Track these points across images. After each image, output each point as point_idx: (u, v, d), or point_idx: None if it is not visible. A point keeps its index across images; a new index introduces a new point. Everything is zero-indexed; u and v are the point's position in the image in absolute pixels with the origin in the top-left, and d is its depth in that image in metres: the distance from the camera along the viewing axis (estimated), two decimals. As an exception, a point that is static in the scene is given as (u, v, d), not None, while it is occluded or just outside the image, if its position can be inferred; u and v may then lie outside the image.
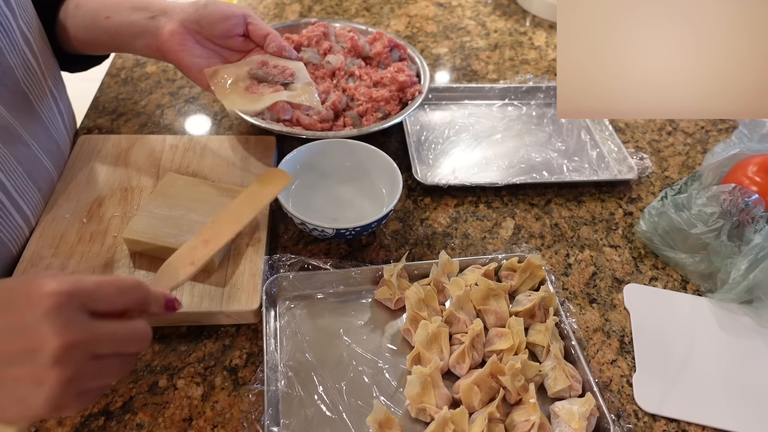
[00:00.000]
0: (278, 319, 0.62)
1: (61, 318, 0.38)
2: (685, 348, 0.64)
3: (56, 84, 0.72)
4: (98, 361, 0.40)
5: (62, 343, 0.37)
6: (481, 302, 0.63)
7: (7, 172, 0.60)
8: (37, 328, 0.37)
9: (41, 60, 0.67)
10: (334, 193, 0.74)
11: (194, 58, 0.65)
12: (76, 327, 0.38)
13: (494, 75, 1.02)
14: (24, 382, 0.38)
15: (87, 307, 0.39)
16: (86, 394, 0.40)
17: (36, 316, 0.37)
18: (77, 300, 0.39)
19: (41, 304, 0.37)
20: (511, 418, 0.54)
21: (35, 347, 0.37)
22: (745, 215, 0.66)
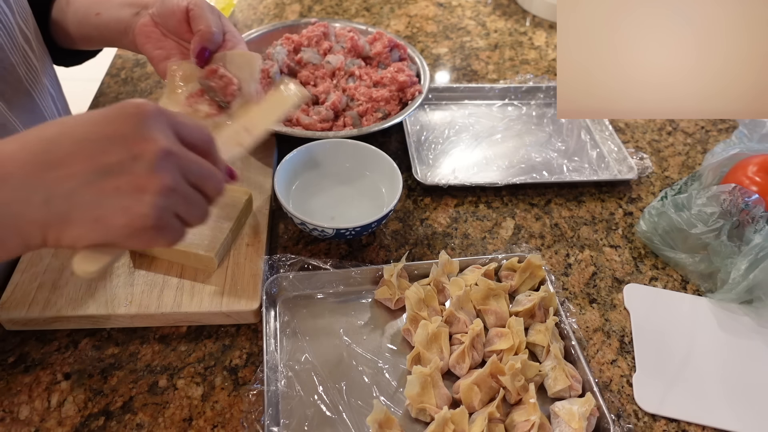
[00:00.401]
0: (278, 319, 0.62)
1: (157, 128, 0.39)
2: (685, 348, 0.64)
3: (52, 82, 0.72)
4: (189, 187, 0.41)
5: (161, 149, 0.38)
6: (481, 302, 0.63)
7: None
8: (135, 136, 0.38)
9: (40, 58, 0.67)
10: (334, 193, 0.74)
11: (156, 50, 0.65)
12: (170, 139, 0.40)
13: (494, 75, 1.02)
14: (126, 191, 0.38)
15: (174, 129, 0.41)
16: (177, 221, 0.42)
17: (133, 127, 0.39)
18: (166, 118, 0.40)
19: (137, 116, 0.39)
20: (511, 418, 0.54)
21: (135, 154, 0.38)
22: (745, 215, 0.66)
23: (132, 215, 0.39)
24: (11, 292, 0.60)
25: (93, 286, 0.61)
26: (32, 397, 0.55)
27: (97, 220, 0.39)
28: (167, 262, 0.64)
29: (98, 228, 0.39)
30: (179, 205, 0.41)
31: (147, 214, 0.39)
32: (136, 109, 0.39)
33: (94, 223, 0.39)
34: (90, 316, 0.59)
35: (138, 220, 0.39)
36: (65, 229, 0.39)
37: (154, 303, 0.60)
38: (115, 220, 0.39)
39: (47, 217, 0.38)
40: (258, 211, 0.71)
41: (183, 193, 0.41)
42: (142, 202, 0.39)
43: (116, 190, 0.38)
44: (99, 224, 0.39)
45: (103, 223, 0.39)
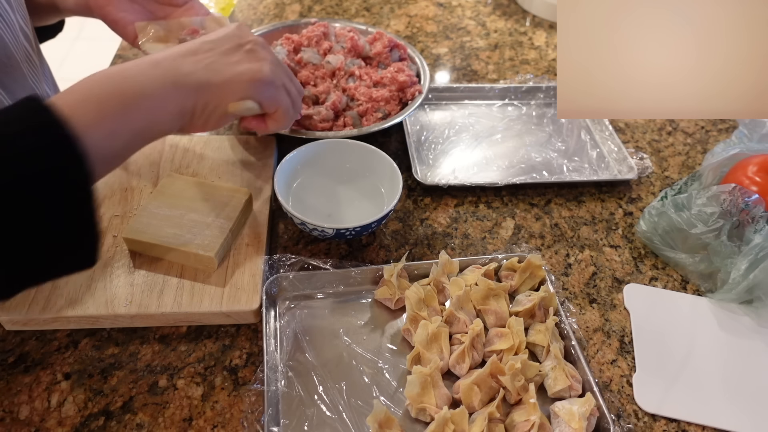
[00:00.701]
0: (278, 319, 0.62)
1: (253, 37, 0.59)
2: (685, 348, 0.64)
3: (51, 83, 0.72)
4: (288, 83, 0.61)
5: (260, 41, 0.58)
6: (481, 302, 0.63)
7: None
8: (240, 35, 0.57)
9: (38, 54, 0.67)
10: (334, 193, 0.74)
11: (120, 12, 0.66)
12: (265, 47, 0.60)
13: (494, 75, 1.02)
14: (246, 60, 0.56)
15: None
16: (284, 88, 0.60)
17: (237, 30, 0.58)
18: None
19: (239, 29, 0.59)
20: (511, 418, 0.54)
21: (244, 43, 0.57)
22: (745, 215, 0.66)
23: (254, 71, 0.56)
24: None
25: (93, 286, 0.61)
26: (32, 397, 0.55)
27: (230, 80, 0.54)
28: (167, 262, 0.64)
29: (233, 85, 0.55)
30: (283, 75, 0.60)
31: (263, 69, 0.56)
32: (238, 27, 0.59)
33: (229, 82, 0.54)
34: (90, 316, 0.59)
35: (258, 74, 0.56)
36: (209, 89, 0.53)
37: (154, 303, 0.60)
38: (244, 77, 0.55)
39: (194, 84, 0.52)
40: (258, 211, 0.71)
41: (284, 68, 0.60)
42: (258, 64, 0.56)
43: (239, 61, 0.55)
44: (233, 82, 0.54)
45: (236, 81, 0.55)
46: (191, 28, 0.68)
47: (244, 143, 0.81)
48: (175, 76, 0.51)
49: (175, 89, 0.51)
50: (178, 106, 0.52)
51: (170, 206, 0.66)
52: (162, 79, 0.50)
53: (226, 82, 0.54)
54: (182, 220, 0.65)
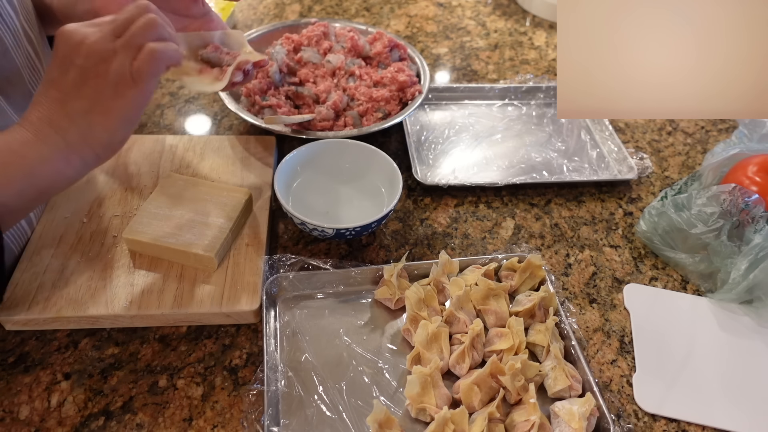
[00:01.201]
0: (278, 319, 0.62)
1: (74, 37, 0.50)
2: (685, 348, 0.64)
3: None
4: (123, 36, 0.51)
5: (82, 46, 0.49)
6: (481, 302, 0.63)
7: None
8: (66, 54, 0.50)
9: (42, 58, 0.67)
10: (334, 193, 0.74)
11: None
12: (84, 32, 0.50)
13: (494, 75, 1.02)
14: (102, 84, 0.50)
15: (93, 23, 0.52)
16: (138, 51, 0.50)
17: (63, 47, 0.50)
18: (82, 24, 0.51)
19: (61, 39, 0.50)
20: (511, 418, 0.54)
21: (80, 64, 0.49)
22: (745, 215, 0.66)
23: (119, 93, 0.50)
24: (11, 292, 0.60)
25: (93, 286, 0.61)
26: (32, 397, 0.55)
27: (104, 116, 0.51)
28: (167, 262, 0.64)
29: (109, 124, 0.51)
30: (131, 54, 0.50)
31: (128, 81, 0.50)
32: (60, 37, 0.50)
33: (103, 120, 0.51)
34: (90, 316, 0.59)
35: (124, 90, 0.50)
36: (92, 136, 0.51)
37: (154, 303, 0.60)
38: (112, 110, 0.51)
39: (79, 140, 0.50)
40: (258, 211, 0.71)
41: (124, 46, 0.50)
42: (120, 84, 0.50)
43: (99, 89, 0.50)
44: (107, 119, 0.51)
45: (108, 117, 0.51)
46: (213, 45, 0.66)
47: (244, 143, 0.81)
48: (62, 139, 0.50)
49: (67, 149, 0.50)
50: (78, 159, 0.51)
51: (170, 206, 0.66)
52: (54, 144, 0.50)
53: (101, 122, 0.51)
54: (182, 220, 0.65)
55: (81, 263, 0.63)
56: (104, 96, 0.50)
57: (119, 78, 0.49)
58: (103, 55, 0.49)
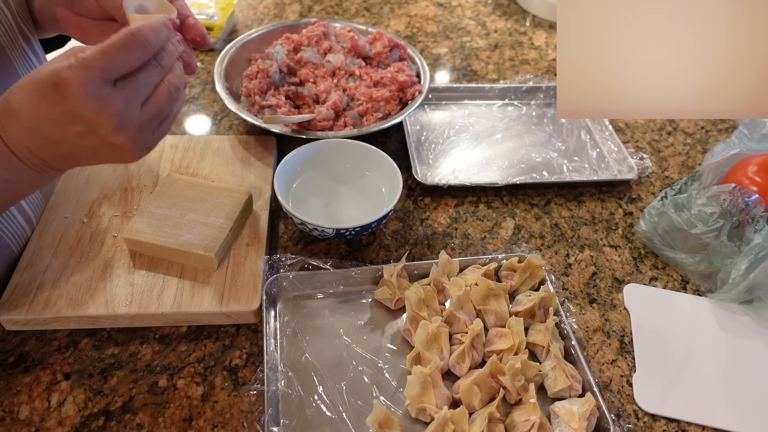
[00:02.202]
0: (278, 319, 0.62)
1: (94, 99, 0.42)
2: (685, 348, 0.64)
3: None
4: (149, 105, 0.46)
5: (108, 117, 0.43)
6: (481, 302, 0.63)
7: None
8: (82, 114, 0.43)
9: (41, 58, 0.67)
10: (334, 193, 0.74)
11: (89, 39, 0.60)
12: (110, 98, 0.43)
13: (494, 75, 1.02)
14: (105, 149, 0.45)
15: (109, 78, 0.43)
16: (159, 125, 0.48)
17: (75, 106, 0.42)
18: (96, 77, 0.42)
19: (73, 94, 0.42)
20: (511, 418, 0.54)
21: (93, 127, 0.43)
22: (745, 215, 0.66)
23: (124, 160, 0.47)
24: (11, 292, 0.60)
25: (93, 286, 0.61)
26: (32, 397, 0.55)
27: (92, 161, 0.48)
28: (167, 262, 0.64)
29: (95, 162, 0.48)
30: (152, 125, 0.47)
31: (134, 158, 0.47)
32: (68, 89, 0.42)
33: (89, 162, 0.48)
34: (90, 316, 0.59)
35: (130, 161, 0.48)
36: (78, 164, 0.48)
37: (154, 303, 0.60)
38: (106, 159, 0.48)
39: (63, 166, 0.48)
40: (258, 211, 0.71)
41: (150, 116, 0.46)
42: (123, 154, 0.46)
43: (97, 149, 0.45)
44: (95, 162, 0.48)
45: (98, 161, 0.48)
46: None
47: (244, 143, 0.81)
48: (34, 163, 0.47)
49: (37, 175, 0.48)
50: (44, 178, 0.49)
51: (170, 206, 0.66)
52: (24, 171, 0.47)
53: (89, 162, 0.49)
54: (182, 220, 0.65)
55: (81, 263, 0.63)
56: (101, 156, 0.47)
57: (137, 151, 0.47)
58: (127, 131, 0.45)
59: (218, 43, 1.02)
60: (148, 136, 0.47)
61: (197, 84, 0.95)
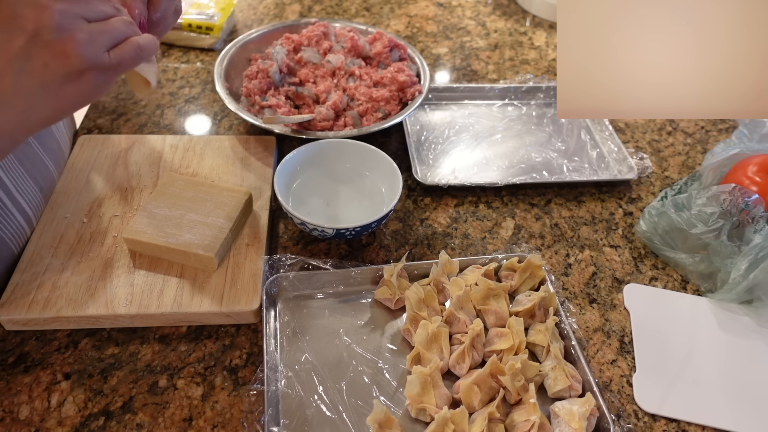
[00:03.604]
0: (278, 319, 0.62)
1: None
2: (685, 348, 0.64)
3: None
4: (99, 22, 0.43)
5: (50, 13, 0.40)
6: (481, 302, 0.63)
7: (8, 171, 0.60)
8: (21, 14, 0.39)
9: None
10: (334, 193, 0.74)
11: None
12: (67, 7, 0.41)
13: (494, 75, 1.02)
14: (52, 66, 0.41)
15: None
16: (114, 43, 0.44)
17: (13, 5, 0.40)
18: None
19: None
20: (511, 418, 0.54)
21: (35, 30, 0.40)
22: (745, 215, 0.66)
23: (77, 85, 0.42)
24: (11, 292, 0.60)
25: (93, 286, 0.61)
26: (32, 397, 0.55)
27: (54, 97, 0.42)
28: (167, 262, 0.64)
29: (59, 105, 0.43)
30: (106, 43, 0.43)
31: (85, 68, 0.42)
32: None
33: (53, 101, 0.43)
34: (90, 316, 0.59)
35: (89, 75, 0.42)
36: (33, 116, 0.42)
37: (154, 303, 0.60)
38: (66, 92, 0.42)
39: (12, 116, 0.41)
40: (258, 211, 0.71)
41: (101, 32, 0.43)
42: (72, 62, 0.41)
43: (44, 67, 0.41)
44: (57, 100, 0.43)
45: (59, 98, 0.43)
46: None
47: (244, 143, 0.81)
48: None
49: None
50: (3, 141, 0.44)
51: (170, 206, 0.66)
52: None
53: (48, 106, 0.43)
54: (182, 220, 0.65)
55: (81, 263, 0.63)
56: (58, 77, 0.42)
57: (88, 62, 0.42)
58: (73, 33, 0.41)
59: (218, 43, 1.02)
60: (99, 49, 0.42)
61: (197, 84, 0.95)
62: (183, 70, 0.98)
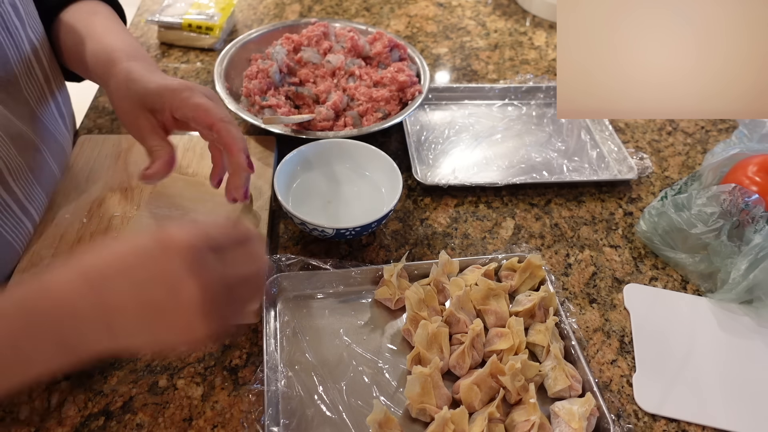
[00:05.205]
0: (278, 319, 0.62)
1: (196, 262, 0.41)
2: (685, 348, 0.64)
3: (60, 87, 0.72)
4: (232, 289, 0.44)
5: (200, 287, 0.41)
6: (481, 302, 0.63)
7: (19, 180, 0.60)
8: (176, 276, 0.41)
9: (47, 66, 0.67)
10: (334, 193, 0.74)
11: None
12: (207, 270, 0.42)
13: (494, 75, 1.02)
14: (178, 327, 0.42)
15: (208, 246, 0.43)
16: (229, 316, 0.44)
17: (172, 266, 0.41)
18: (203, 245, 0.42)
19: (175, 255, 0.41)
20: (511, 418, 0.54)
21: (179, 295, 0.41)
22: (745, 215, 0.66)
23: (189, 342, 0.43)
24: (11, 292, 0.60)
25: (93, 286, 0.61)
26: (32, 397, 0.55)
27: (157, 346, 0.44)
28: (167, 262, 0.64)
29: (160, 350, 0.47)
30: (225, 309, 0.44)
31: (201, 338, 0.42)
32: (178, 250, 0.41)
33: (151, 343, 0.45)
34: (90, 316, 0.59)
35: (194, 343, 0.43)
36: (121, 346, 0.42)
37: (154, 303, 0.60)
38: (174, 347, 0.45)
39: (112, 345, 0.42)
40: (258, 211, 0.71)
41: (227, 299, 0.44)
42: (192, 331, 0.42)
43: (169, 328, 0.42)
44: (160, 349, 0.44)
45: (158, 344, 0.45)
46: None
47: (244, 143, 0.81)
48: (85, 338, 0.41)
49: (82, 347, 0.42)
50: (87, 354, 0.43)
51: (170, 206, 0.66)
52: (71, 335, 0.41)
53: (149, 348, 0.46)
54: (182, 221, 0.65)
55: (81, 263, 0.63)
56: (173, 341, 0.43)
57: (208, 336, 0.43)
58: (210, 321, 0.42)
59: (218, 43, 1.02)
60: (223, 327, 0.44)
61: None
62: (183, 70, 0.98)
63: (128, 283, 0.41)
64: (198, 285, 0.41)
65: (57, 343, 0.40)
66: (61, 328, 0.40)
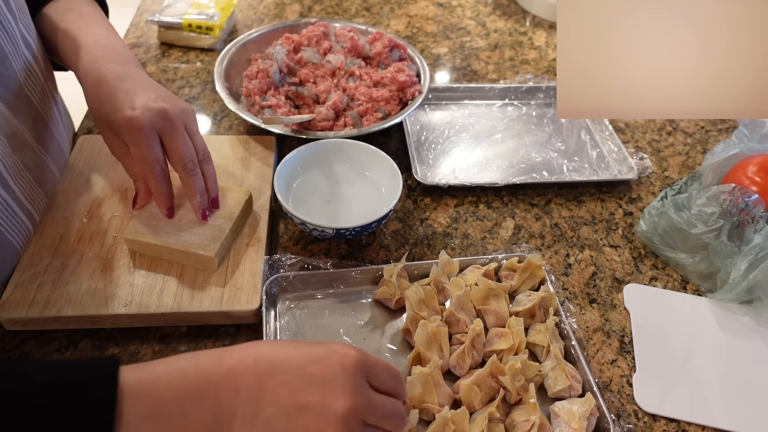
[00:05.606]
0: (278, 319, 0.62)
1: (355, 380, 0.43)
2: (685, 348, 0.64)
3: (53, 86, 0.72)
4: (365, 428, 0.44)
5: (351, 404, 0.42)
6: (481, 302, 0.63)
7: (18, 179, 0.60)
8: (334, 384, 0.42)
9: (41, 62, 0.67)
10: (334, 193, 0.74)
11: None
12: (361, 392, 0.43)
13: (494, 75, 1.02)
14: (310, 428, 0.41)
15: (367, 377, 0.45)
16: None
17: (334, 374, 0.43)
18: (365, 369, 0.45)
19: (341, 365, 0.43)
20: (511, 418, 0.54)
21: (329, 401, 0.42)
22: (745, 215, 0.66)
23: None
24: (11, 292, 0.60)
25: (93, 286, 0.61)
26: None
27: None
28: (167, 262, 0.64)
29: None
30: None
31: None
32: (341, 358, 0.44)
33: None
34: (90, 316, 0.59)
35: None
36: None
37: (154, 303, 0.60)
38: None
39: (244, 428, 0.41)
40: (258, 211, 0.71)
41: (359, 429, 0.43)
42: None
43: (305, 427, 0.41)
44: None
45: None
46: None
47: (244, 143, 0.81)
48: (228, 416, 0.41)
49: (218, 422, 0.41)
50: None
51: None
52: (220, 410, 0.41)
53: None
54: (182, 220, 0.65)
55: (81, 263, 0.63)
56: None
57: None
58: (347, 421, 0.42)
59: (218, 43, 1.02)
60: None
61: (197, 84, 0.95)
62: (183, 70, 0.98)
63: (288, 372, 0.43)
64: (350, 402, 0.42)
65: (214, 415, 0.41)
66: (221, 402, 0.41)
